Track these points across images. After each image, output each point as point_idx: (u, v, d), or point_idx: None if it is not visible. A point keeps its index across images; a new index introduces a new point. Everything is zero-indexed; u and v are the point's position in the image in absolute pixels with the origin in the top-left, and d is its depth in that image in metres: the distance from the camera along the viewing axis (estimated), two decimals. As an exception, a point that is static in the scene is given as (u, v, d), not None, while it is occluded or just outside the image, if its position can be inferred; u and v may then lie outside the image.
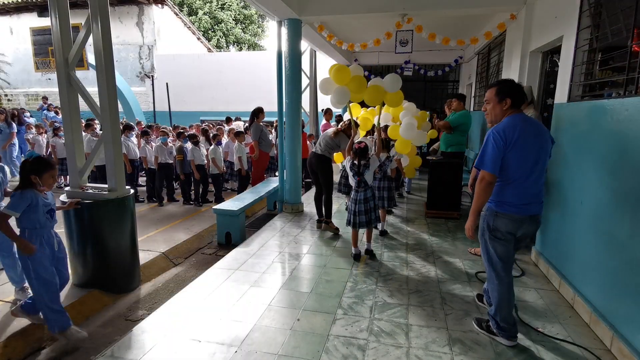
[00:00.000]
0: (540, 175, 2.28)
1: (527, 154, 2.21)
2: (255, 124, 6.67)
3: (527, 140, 2.20)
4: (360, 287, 3.16)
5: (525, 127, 2.22)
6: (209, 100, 14.34)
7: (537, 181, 2.27)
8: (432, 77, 9.60)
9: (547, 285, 3.22)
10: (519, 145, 2.19)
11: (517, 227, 2.28)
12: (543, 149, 2.25)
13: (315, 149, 4.54)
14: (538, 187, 2.29)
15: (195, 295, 3.01)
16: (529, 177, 2.24)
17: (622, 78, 2.46)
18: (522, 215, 2.26)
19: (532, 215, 2.28)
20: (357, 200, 3.66)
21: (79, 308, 3.10)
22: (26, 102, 15.17)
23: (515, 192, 2.25)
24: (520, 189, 2.25)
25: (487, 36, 5.36)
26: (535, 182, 2.26)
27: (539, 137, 2.25)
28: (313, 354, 2.28)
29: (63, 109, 3.42)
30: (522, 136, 2.19)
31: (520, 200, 2.25)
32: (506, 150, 2.20)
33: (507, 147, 2.19)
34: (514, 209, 2.26)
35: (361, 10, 5.01)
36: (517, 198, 2.25)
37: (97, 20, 3.08)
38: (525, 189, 2.25)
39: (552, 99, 3.85)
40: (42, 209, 2.57)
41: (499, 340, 2.42)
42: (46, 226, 2.61)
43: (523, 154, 2.20)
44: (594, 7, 2.92)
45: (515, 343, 2.39)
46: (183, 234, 5.00)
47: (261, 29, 25.67)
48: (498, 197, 2.30)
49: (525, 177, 2.23)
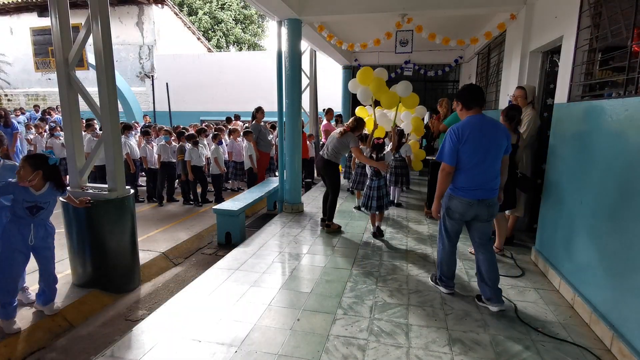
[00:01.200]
0: (490, 165, 2.66)
1: (477, 148, 2.62)
2: (255, 123, 6.67)
3: (478, 136, 2.61)
4: (360, 287, 3.16)
5: (479, 126, 2.64)
6: (209, 100, 14.34)
7: (487, 170, 2.66)
8: (432, 77, 9.60)
9: (547, 285, 3.22)
10: (470, 141, 2.61)
11: (467, 209, 2.72)
12: (494, 144, 2.65)
13: (323, 153, 4.55)
14: (487, 175, 2.67)
15: (195, 295, 3.01)
16: (479, 167, 2.65)
17: (622, 78, 2.46)
18: (472, 199, 2.69)
19: (480, 200, 2.69)
20: (372, 187, 4.29)
21: (79, 308, 3.10)
22: (26, 102, 15.17)
23: (466, 179, 2.69)
24: (470, 177, 2.67)
25: (487, 36, 5.37)
26: (485, 172, 2.66)
27: (491, 134, 2.64)
28: (313, 354, 2.28)
29: (63, 109, 3.41)
30: (473, 133, 2.61)
31: (470, 186, 2.68)
32: (459, 145, 2.63)
33: (460, 142, 2.62)
34: (464, 193, 2.70)
35: (361, 10, 5.02)
36: (467, 184, 2.69)
37: (97, 20, 3.07)
38: (474, 177, 2.67)
39: (552, 99, 3.85)
40: (22, 203, 2.64)
41: (440, 289, 3.08)
42: (24, 218, 2.68)
43: (473, 148, 2.62)
44: (594, 7, 2.92)
45: (452, 292, 3.04)
46: (183, 234, 5.00)
47: (261, 29, 25.67)
48: (453, 183, 2.77)
49: (475, 167, 2.65)
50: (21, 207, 2.65)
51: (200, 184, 6.60)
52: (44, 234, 2.79)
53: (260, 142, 6.62)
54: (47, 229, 2.83)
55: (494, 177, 2.70)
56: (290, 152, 5.43)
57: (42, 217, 2.77)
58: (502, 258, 3.77)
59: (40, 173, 2.67)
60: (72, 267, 3.42)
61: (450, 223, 2.86)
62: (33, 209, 2.69)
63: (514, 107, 3.58)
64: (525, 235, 4.38)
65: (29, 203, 2.66)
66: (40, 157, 2.72)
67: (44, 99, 15.27)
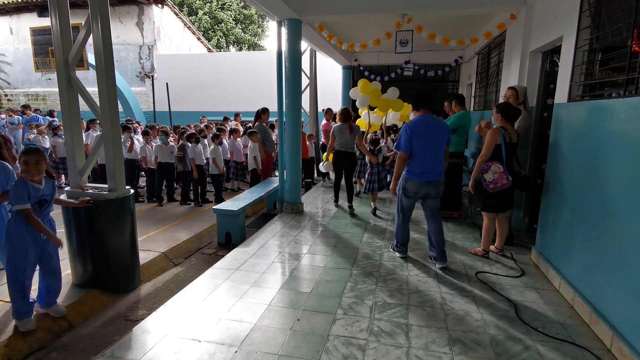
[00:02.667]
0: (434, 154, 3.40)
1: (424, 140, 3.36)
2: (259, 124, 6.66)
3: (424, 131, 3.36)
4: (360, 287, 3.16)
5: (427, 123, 3.40)
6: (209, 100, 14.33)
7: (432, 158, 3.40)
8: (432, 77, 9.59)
9: (547, 285, 3.22)
10: (418, 134, 3.35)
11: (418, 189, 3.46)
12: (438, 137, 3.40)
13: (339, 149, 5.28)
14: (433, 162, 3.40)
15: (195, 295, 3.01)
16: (426, 156, 3.38)
17: (622, 78, 2.46)
18: (421, 181, 3.41)
19: (429, 181, 3.42)
20: (372, 173, 5.39)
21: (79, 308, 3.10)
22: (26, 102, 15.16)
23: (416, 165, 3.42)
24: (419, 163, 3.40)
25: (487, 36, 5.37)
26: (430, 159, 3.39)
27: (435, 130, 3.40)
28: (313, 354, 2.29)
29: (63, 109, 3.41)
30: (422, 128, 3.36)
31: (421, 170, 3.41)
32: (412, 137, 3.36)
33: (412, 135, 3.36)
34: (417, 177, 3.43)
35: (361, 10, 5.01)
36: (418, 169, 3.41)
37: (97, 20, 3.07)
38: (422, 163, 3.39)
39: (552, 99, 3.85)
40: (32, 199, 2.61)
41: (395, 254, 3.82)
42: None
43: (421, 140, 3.35)
44: (594, 7, 2.92)
45: (405, 256, 3.77)
46: (183, 234, 5.00)
47: (261, 29, 25.67)
48: (408, 168, 3.48)
49: (424, 155, 3.38)
50: (31, 203, 2.61)
51: (200, 184, 6.60)
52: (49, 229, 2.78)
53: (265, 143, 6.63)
54: (52, 223, 2.84)
55: (439, 163, 3.44)
56: (290, 152, 5.43)
57: (47, 212, 2.77)
58: (502, 258, 3.78)
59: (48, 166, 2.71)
60: (72, 267, 3.42)
61: (406, 200, 3.59)
62: (42, 203, 2.68)
63: (511, 106, 3.58)
64: (525, 235, 4.38)
65: (37, 198, 2.64)
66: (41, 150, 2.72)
67: (44, 99, 15.27)
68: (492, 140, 3.47)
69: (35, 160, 2.60)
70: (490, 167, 3.45)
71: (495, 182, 3.41)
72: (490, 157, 3.51)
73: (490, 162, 3.48)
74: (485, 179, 3.48)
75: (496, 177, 3.41)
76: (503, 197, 3.53)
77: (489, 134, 3.51)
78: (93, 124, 7.17)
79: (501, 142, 3.45)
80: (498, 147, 3.48)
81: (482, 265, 3.60)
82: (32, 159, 2.60)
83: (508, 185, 3.41)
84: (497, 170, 3.41)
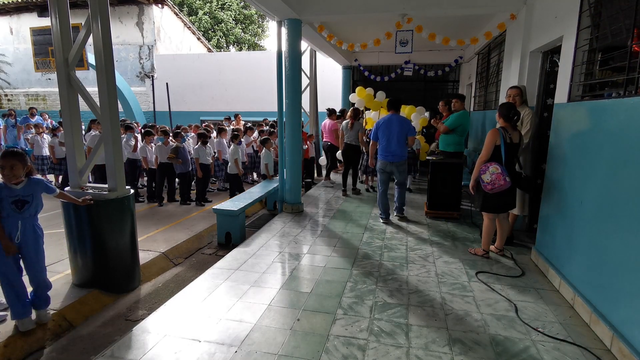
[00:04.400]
0: (394, 142, 4.78)
1: (386, 132, 4.79)
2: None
3: (388, 126, 4.80)
4: (360, 287, 3.16)
5: (391, 120, 4.82)
6: (209, 100, 14.32)
7: (391, 145, 4.79)
8: (432, 77, 9.59)
9: (547, 285, 3.22)
10: (381, 128, 4.83)
11: (385, 166, 4.89)
12: (397, 131, 4.76)
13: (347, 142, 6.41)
14: (392, 148, 4.80)
15: (195, 295, 3.01)
16: (388, 143, 4.80)
17: (622, 78, 2.46)
18: (385, 161, 4.87)
19: (391, 162, 4.84)
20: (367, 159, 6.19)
21: (79, 308, 3.10)
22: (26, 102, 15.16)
23: (381, 149, 4.88)
24: (382, 148, 4.87)
25: (487, 36, 5.36)
26: (390, 145, 4.80)
27: (396, 125, 4.78)
28: (313, 354, 2.29)
29: (63, 109, 3.41)
30: (385, 124, 4.82)
31: (383, 153, 4.86)
32: (377, 130, 4.87)
33: (378, 129, 4.87)
34: (382, 157, 4.88)
35: (361, 10, 5.02)
36: (382, 152, 4.88)
37: (97, 20, 3.07)
38: (385, 148, 4.84)
39: (552, 99, 3.84)
40: (7, 200, 2.58)
41: (380, 221, 5.00)
42: (10, 216, 2.61)
43: (384, 132, 4.81)
44: (594, 7, 2.92)
45: (387, 222, 4.97)
46: (183, 234, 5.00)
47: (261, 29, 25.66)
48: (378, 152, 4.94)
49: (386, 143, 4.82)
50: (7, 204, 2.57)
51: (203, 184, 6.62)
52: (32, 235, 2.70)
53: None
54: (36, 229, 2.74)
55: (397, 149, 4.79)
56: (290, 152, 5.43)
57: (29, 214, 2.69)
58: (502, 258, 3.78)
59: (30, 167, 2.67)
60: (72, 267, 3.42)
61: (380, 175, 5.02)
62: (18, 203, 2.61)
63: (512, 106, 3.57)
64: (525, 235, 4.38)
65: (13, 197, 2.59)
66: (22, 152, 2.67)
67: (44, 99, 15.25)
68: (492, 141, 3.47)
69: (10, 165, 2.56)
70: (488, 168, 3.45)
71: (492, 183, 3.40)
72: (490, 157, 3.51)
73: (489, 163, 3.47)
74: (483, 180, 3.47)
75: (494, 178, 3.39)
76: (503, 198, 3.53)
77: (488, 135, 3.51)
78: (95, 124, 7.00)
79: (501, 143, 3.45)
80: (498, 147, 3.48)
81: (482, 265, 3.60)
82: (7, 163, 2.56)
83: (506, 187, 3.40)
84: (495, 172, 3.39)
